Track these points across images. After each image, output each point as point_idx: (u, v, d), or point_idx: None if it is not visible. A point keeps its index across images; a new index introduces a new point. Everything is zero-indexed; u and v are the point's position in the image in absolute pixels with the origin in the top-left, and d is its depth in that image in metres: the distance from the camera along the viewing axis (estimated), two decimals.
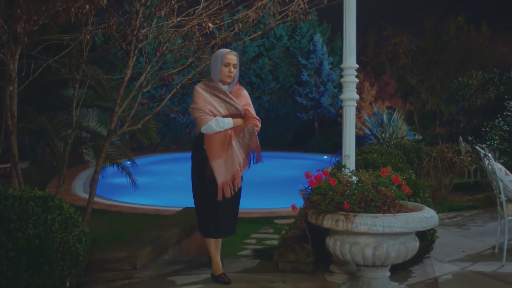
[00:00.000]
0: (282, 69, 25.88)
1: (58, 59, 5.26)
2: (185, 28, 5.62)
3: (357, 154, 6.51)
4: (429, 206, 4.84)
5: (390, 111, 19.51)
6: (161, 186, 14.87)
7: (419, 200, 5.11)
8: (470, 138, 12.50)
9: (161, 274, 5.11)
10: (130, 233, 6.21)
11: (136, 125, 5.75)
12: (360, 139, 16.83)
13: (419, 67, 28.03)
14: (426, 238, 5.16)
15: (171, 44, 5.84)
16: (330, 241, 4.40)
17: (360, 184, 4.34)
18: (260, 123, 5.04)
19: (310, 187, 4.47)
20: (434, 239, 5.36)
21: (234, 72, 4.96)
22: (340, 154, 5.03)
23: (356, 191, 4.25)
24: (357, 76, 4.99)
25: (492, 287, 5.08)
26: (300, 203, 4.71)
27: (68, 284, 4.13)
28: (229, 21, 5.90)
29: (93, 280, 4.76)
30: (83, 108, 8.83)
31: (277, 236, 6.85)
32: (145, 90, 5.84)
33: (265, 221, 8.83)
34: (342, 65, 4.96)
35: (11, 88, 5.02)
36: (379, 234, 4.12)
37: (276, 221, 8.93)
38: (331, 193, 4.27)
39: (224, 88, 4.97)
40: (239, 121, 4.95)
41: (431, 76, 26.76)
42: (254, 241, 7.40)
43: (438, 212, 6.00)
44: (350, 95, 4.94)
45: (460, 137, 13.48)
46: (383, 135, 17.47)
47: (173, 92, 5.95)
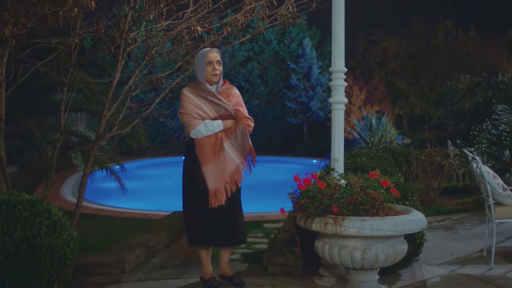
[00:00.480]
0: (271, 73, 25.86)
1: (46, 62, 5.24)
2: (174, 32, 5.60)
3: (346, 158, 6.52)
4: (418, 209, 4.85)
5: (379, 115, 19.62)
6: (150, 191, 14.84)
7: (408, 203, 5.11)
8: (458, 141, 12.59)
9: (150, 278, 5.09)
10: (118, 237, 6.18)
11: (125, 129, 5.71)
12: (349, 143, 16.89)
13: (408, 71, 28.15)
14: (415, 241, 5.16)
15: (160, 47, 5.82)
16: (319, 245, 4.40)
17: (348, 187, 4.34)
18: (253, 123, 4.85)
19: (298, 191, 4.45)
20: (423, 242, 5.36)
21: (219, 69, 4.80)
22: (329, 158, 5.02)
23: (344, 194, 4.25)
24: (346, 80, 5.00)
25: None
26: (289, 207, 4.68)
27: None
28: (218, 24, 5.90)
29: (81, 284, 4.73)
30: (71, 112, 8.79)
31: (266, 240, 6.84)
32: (134, 94, 5.79)
33: (254, 225, 8.81)
34: (331, 69, 4.96)
35: None
36: (367, 237, 4.12)
37: (265, 225, 8.93)
38: (320, 196, 4.26)
39: (212, 89, 4.80)
40: (229, 123, 4.75)
41: (420, 80, 26.86)
42: (243, 245, 7.37)
43: (427, 215, 6.03)
44: (339, 99, 4.94)
45: (449, 140, 13.56)
46: (372, 139, 17.51)
47: (162, 96, 5.91)
